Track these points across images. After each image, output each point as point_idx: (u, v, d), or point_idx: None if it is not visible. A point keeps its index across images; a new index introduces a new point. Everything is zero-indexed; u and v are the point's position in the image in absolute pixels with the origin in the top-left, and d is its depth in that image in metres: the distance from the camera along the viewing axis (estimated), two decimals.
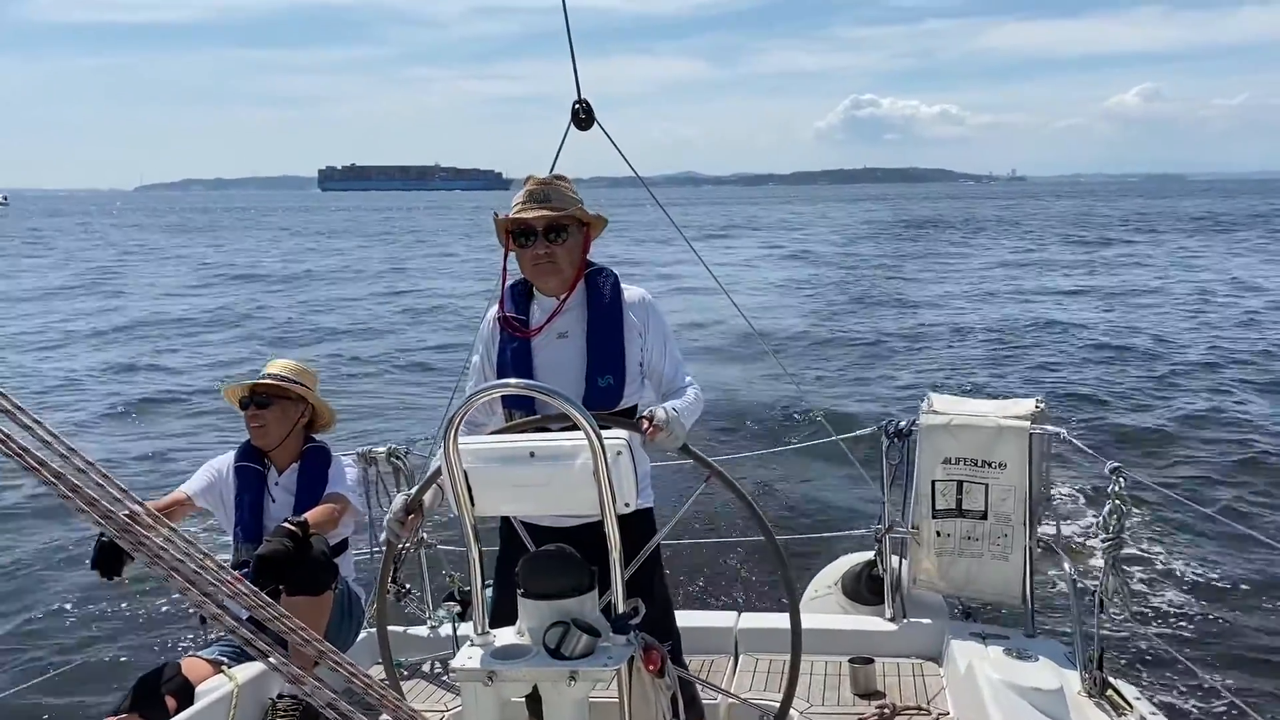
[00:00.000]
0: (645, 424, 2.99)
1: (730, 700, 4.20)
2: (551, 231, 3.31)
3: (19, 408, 1.18)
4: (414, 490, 3.13)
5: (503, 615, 2.84)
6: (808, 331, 24.66)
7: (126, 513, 1.29)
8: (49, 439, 1.19)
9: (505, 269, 3.48)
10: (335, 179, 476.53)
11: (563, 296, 3.40)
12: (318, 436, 4.72)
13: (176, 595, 1.40)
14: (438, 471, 3.10)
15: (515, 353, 3.39)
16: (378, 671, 4.07)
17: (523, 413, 3.23)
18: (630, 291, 3.47)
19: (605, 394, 3.31)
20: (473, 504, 2.69)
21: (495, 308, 3.52)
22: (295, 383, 4.56)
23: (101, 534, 3.77)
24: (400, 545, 3.11)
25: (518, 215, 3.31)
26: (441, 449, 2.66)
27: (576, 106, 3.89)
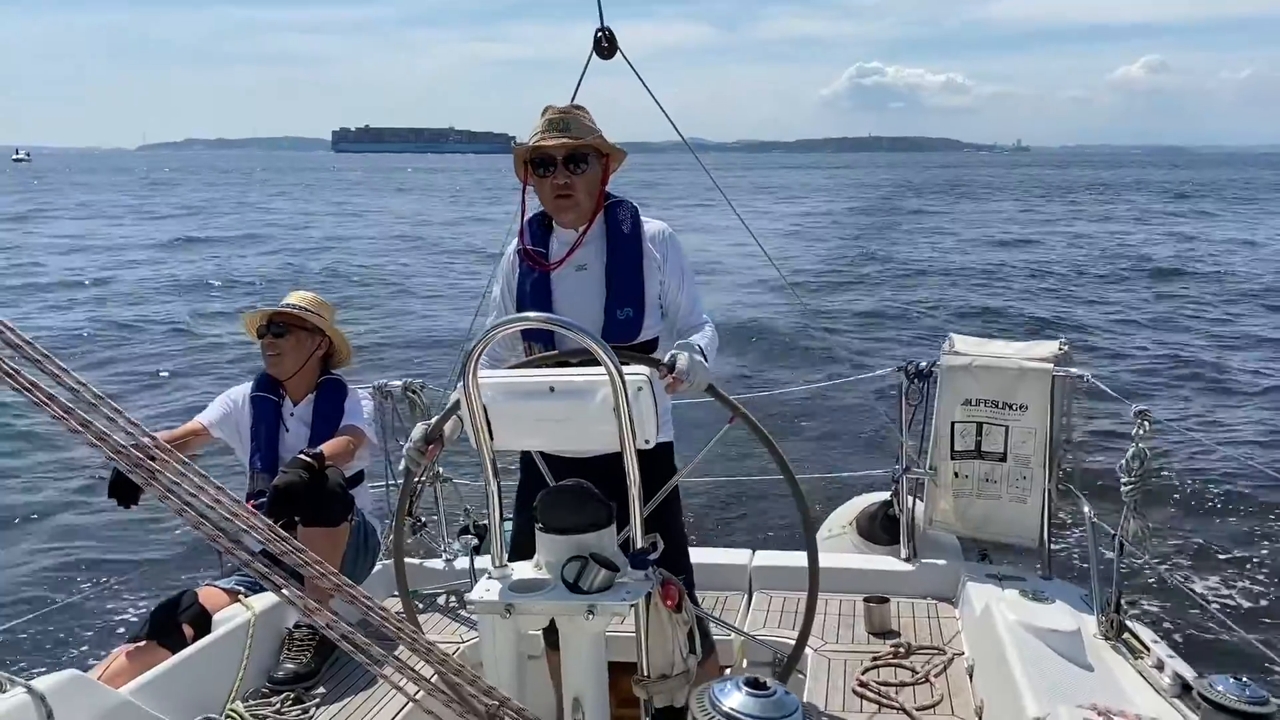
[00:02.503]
0: (665, 372, 2.90)
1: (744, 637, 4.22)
2: (571, 161, 3.24)
3: (28, 342, 1.15)
4: (434, 420, 3.10)
5: (522, 548, 2.83)
6: (829, 278, 24.65)
7: (137, 445, 1.26)
8: (58, 373, 1.16)
9: (524, 201, 3.42)
10: (349, 140, 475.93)
11: (582, 229, 3.34)
12: (335, 371, 4.70)
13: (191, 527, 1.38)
14: (459, 403, 3.08)
15: (535, 286, 3.35)
16: (393, 603, 4.09)
17: (541, 346, 3.20)
18: (651, 224, 3.41)
19: (625, 326, 3.27)
20: (491, 438, 2.67)
21: (515, 241, 3.47)
22: (312, 313, 4.54)
23: None
24: (418, 476, 3.10)
25: (538, 144, 3.24)
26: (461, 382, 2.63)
27: (599, 34, 3.79)
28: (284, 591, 1.52)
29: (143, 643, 3.83)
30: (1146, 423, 3.83)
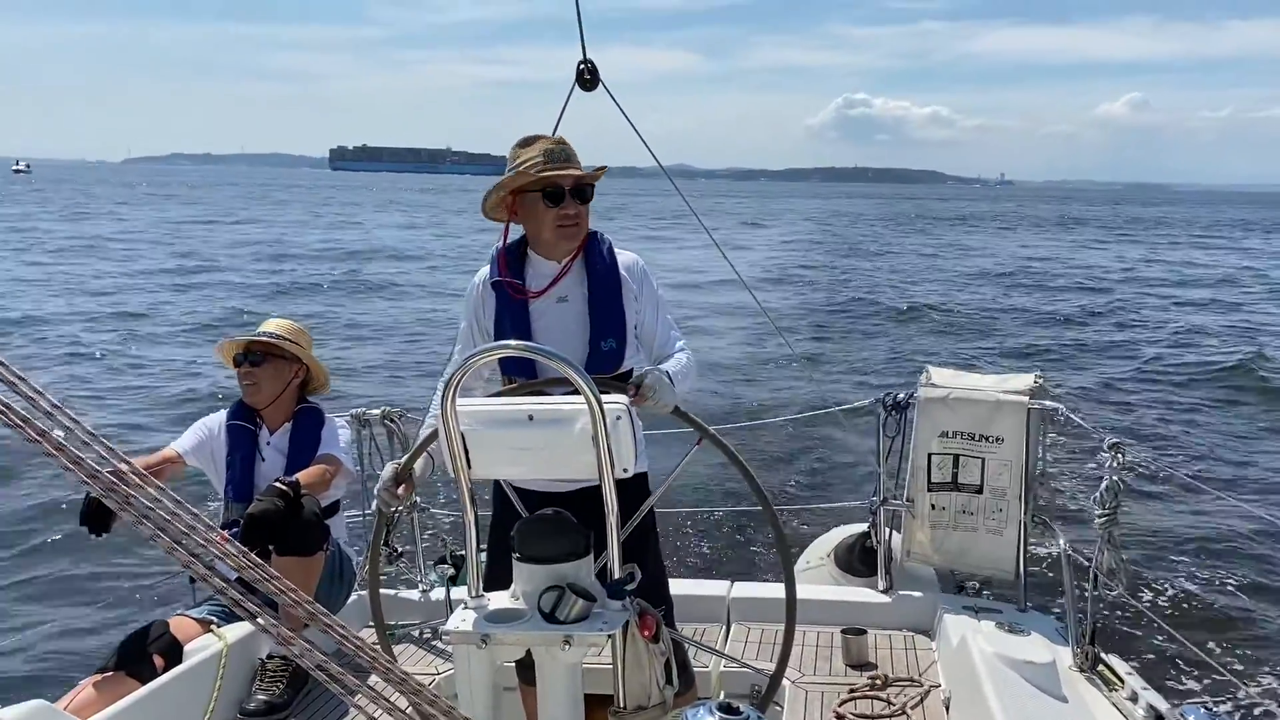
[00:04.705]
0: (631, 389, 2.90)
1: (721, 669, 4.20)
2: (578, 191, 3.26)
3: (4, 364, 1.14)
4: (404, 459, 3.09)
5: (494, 581, 2.81)
6: (807, 309, 24.76)
7: (112, 471, 1.25)
8: (33, 395, 1.15)
9: (507, 231, 3.41)
10: (347, 159, 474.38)
11: (565, 260, 3.33)
12: (312, 399, 4.68)
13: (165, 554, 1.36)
14: (428, 439, 3.07)
15: (515, 317, 3.32)
16: (368, 634, 4.06)
17: (522, 377, 3.19)
18: (624, 255, 3.42)
19: (609, 357, 3.26)
20: (469, 467, 2.66)
21: (485, 271, 3.42)
22: (289, 341, 4.51)
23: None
24: (389, 517, 3.08)
25: (555, 173, 3.22)
26: (436, 412, 2.62)
27: (581, 67, 3.82)
28: (258, 620, 1.51)
29: (111, 673, 3.78)
30: (1120, 455, 3.86)
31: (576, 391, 2.50)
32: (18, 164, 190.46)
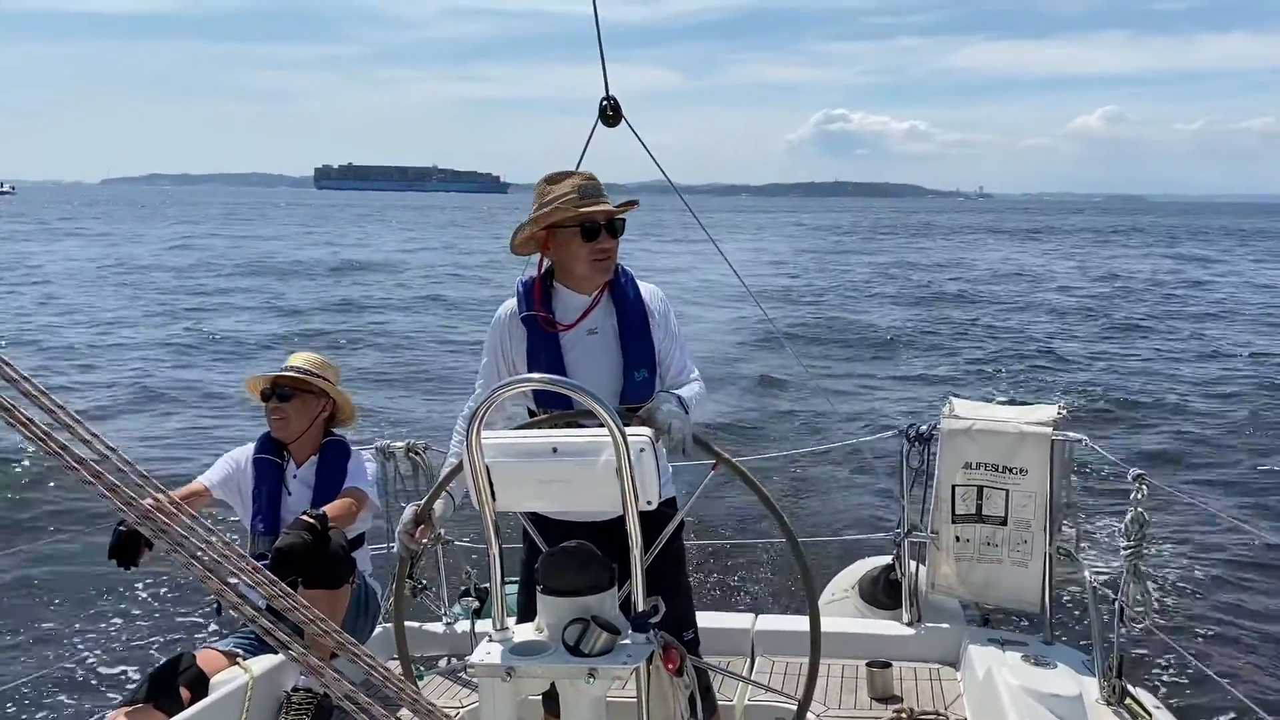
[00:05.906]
0: (637, 422, 2.91)
1: (746, 703, 4.19)
2: (611, 226, 3.31)
3: (43, 392, 1.18)
4: (423, 500, 3.11)
5: (531, 613, 2.82)
6: (827, 334, 24.71)
7: (149, 500, 1.28)
8: (72, 424, 1.18)
9: (542, 264, 3.44)
10: (332, 178, 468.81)
11: (595, 292, 3.38)
12: (338, 431, 4.71)
13: (192, 586, 1.39)
14: (446, 479, 3.09)
15: (548, 350, 3.35)
16: (393, 666, 4.07)
17: (556, 409, 3.20)
18: (645, 286, 3.48)
19: (642, 387, 3.30)
20: (494, 499, 2.67)
21: (510, 304, 3.46)
22: (317, 376, 4.55)
23: (120, 523, 3.78)
24: (410, 559, 3.10)
25: (593, 209, 3.27)
26: (455, 450, 2.63)
27: (604, 103, 3.90)
28: (289, 649, 1.52)
29: (140, 705, 3.81)
30: (1144, 486, 3.84)
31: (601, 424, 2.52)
32: (1, 185, 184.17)
